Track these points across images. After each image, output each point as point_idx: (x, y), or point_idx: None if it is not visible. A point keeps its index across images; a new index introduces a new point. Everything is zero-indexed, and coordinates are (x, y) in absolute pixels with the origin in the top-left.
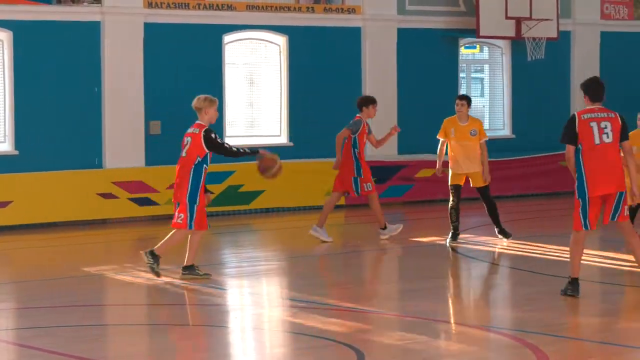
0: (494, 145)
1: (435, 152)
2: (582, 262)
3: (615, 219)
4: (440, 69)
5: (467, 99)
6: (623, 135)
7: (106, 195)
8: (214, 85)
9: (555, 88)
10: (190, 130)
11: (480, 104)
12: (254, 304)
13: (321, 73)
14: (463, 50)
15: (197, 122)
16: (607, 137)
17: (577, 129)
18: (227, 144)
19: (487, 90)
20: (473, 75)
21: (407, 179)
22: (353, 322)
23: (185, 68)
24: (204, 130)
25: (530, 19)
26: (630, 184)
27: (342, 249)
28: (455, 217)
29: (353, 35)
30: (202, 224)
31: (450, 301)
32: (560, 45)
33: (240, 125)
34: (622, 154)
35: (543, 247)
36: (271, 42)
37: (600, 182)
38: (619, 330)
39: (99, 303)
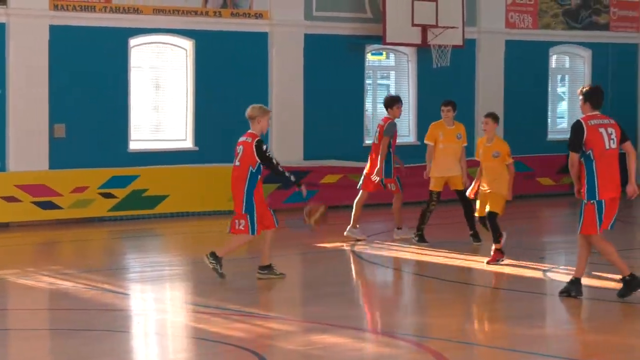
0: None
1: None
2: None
3: (614, 228)
4: (347, 75)
5: (452, 105)
6: (623, 136)
7: (9, 199)
8: (120, 89)
9: (460, 95)
10: (242, 138)
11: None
12: (157, 309)
13: (228, 78)
14: (369, 57)
15: (249, 131)
16: (613, 142)
17: (585, 135)
18: (275, 159)
19: None
20: (379, 81)
21: (312, 184)
22: (256, 327)
23: (90, 71)
24: (256, 140)
25: (436, 26)
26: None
27: (246, 255)
28: (425, 221)
29: (260, 41)
30: (269, 224)
31: (354, 307)
32: (466, 52)
33: (145, 129)
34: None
35: (448, 253)
36: (177, 46)
37: (610, 186)
38: (523, 336)
39: (0, 307)
